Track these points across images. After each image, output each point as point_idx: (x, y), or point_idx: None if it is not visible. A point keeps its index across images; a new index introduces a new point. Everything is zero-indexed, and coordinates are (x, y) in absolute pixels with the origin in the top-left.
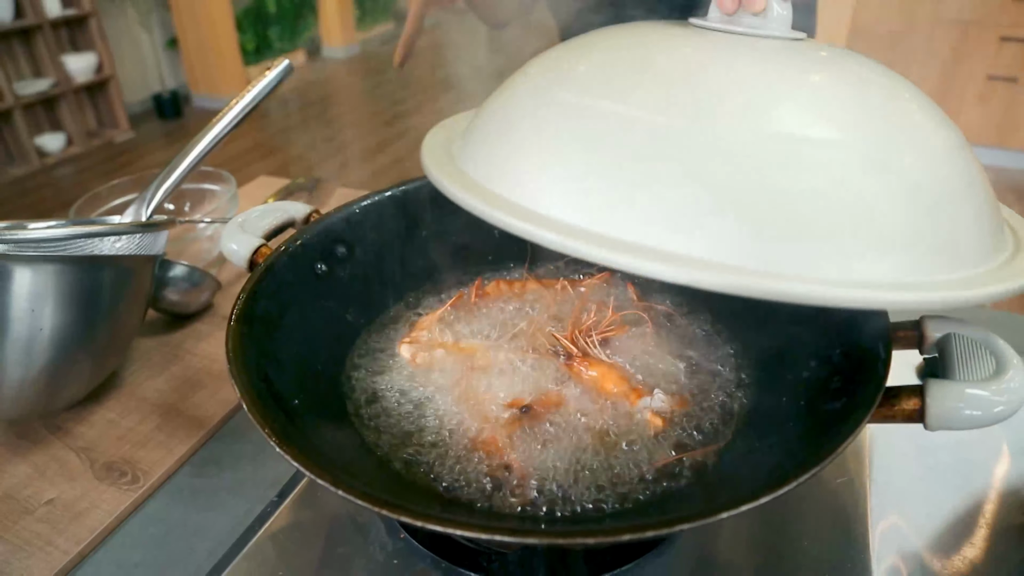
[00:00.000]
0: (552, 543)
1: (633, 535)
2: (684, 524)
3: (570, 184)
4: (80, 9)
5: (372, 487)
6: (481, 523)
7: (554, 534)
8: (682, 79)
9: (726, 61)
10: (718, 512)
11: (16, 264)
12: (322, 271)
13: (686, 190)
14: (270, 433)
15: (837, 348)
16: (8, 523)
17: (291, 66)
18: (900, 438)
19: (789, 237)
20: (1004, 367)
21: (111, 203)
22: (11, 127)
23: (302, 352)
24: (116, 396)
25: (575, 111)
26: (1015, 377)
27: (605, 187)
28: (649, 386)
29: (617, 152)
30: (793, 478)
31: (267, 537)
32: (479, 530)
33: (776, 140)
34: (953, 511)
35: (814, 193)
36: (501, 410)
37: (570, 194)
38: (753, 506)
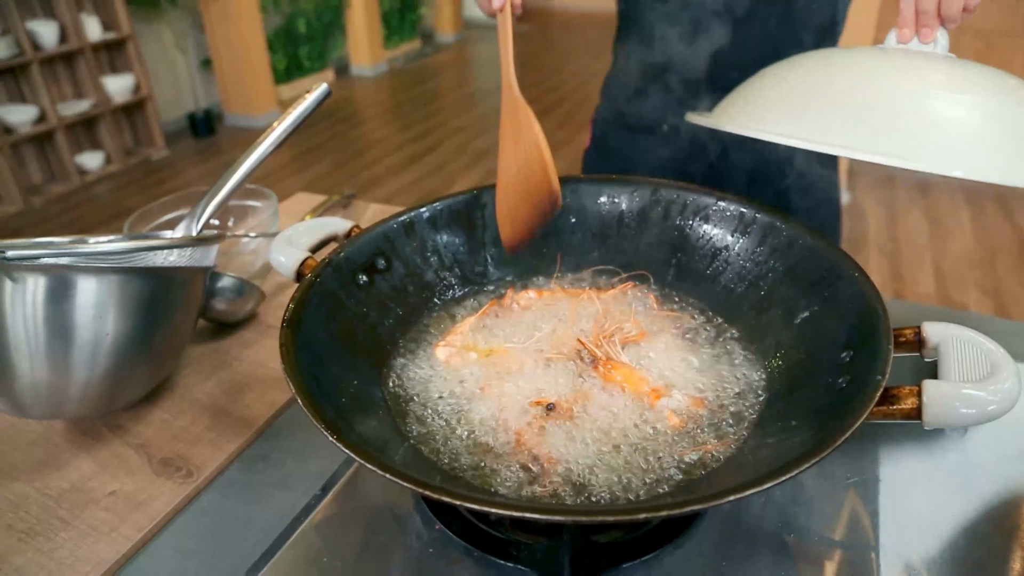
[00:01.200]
0: (576, 520)
1: (649, 514)
2: (692, 506)
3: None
4: (119, 33)
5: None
6: (516, 503)
7: (578, 511)
8: (884, 68)
9: (907, 63)
10: (724, 496)
11: (82, 275)
12: (363, 281)
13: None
14: (322, 425)
15: (846, 351)
16: (76, 511)
17: (329, 89)
18: (910, 440)
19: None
20: (997, 369)
21: (161, 219)
22: (53, 146)
23: (346, 355)
24: (170, 398)
25: (820, 84)
26: (1007, 378)
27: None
28: (668, 388)
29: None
30: (794, 467)
31: (312, 527)
32: (514, 509)
33: (938, 92)
34: (960, 512)
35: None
36: (528, 408)
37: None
38: (758, 490)
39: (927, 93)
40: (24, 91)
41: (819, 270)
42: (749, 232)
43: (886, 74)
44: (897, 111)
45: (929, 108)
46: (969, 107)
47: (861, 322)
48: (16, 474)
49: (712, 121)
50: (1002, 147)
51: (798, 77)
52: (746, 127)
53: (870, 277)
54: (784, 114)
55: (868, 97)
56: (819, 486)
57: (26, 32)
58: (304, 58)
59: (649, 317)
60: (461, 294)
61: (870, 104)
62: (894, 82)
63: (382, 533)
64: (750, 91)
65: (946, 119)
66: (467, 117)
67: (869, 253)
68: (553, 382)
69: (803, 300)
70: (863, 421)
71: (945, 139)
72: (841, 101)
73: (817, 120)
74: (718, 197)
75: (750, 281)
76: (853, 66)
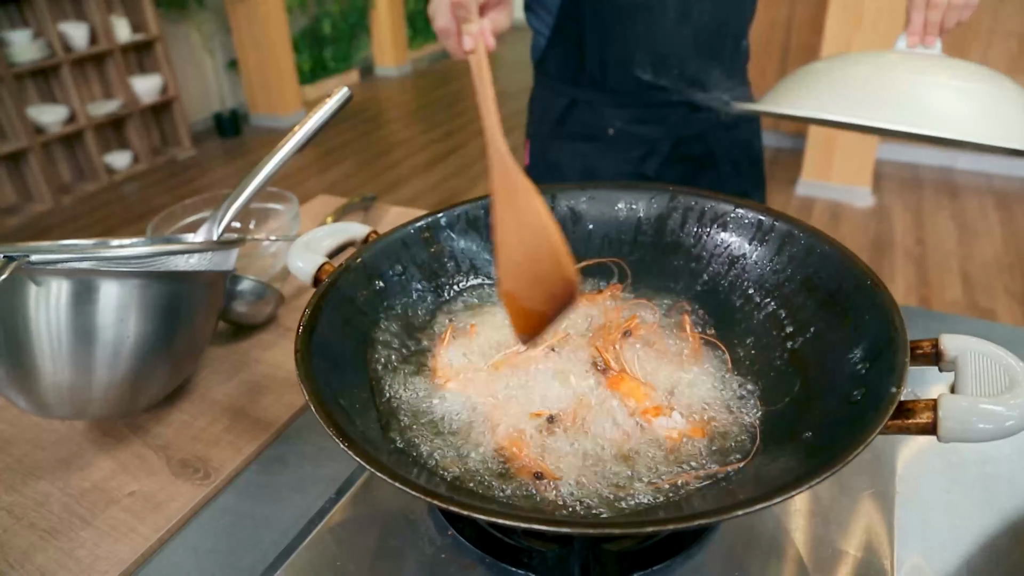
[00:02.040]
0: (583, 533)
1: (657, 527)
2: (700, 520)
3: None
4: (148, 34)
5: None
6: (522, 513)
7: (585, 524)
8: (900, 63)
9: (918, 61)
10: (733, 510)
11: (105, 279)
12: (380, 287)
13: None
14: (333, 431)
15: (862, 363)
16: (97, 511)
17: (350, 93)
18: (928, 452)
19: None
20: (1016, 383)
21: (184, 221)
22: (83, 146)
23: (361, 361)
24: (190, 399)
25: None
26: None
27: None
28: (670, 398)
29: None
30: (805, 481)
31: (327, 530)
32: (520, 520)
33: (942, 84)
34: (980, 527)
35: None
36: (529, 420)
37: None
38: (767, 505)
39: (937, 81)
40: (55, 92)
41: (836, 280)
42: (767, 240)
43: (908, 67)
44: (919, 93)
45: (939, 91)
46: (963, 90)
47: (878, 334)
48: (40, 473)
49: (769, 108)
50: (986, 116)
51: (846, 72)
52: (803, 109)
53: (887, 287)
54: (842, 100)
55: (899, 85)
56: (835, 497)
57: (57, 33)
58: (329, 59)
59: (663, 324)
60: (478, 300)
61: (901, 90)
62: (915, 74)
63: (395, 538)
64: (800, 82)
65: (950, 98)
66: None
67: (895, 257)
68: (555, 393)
69: (820, 311)
70: (877, 435)
71: (950, 112)
72: (881, 89)
73: (866, 104)
74: (736, 204)
75: (767, 289)
76: (884, 63)
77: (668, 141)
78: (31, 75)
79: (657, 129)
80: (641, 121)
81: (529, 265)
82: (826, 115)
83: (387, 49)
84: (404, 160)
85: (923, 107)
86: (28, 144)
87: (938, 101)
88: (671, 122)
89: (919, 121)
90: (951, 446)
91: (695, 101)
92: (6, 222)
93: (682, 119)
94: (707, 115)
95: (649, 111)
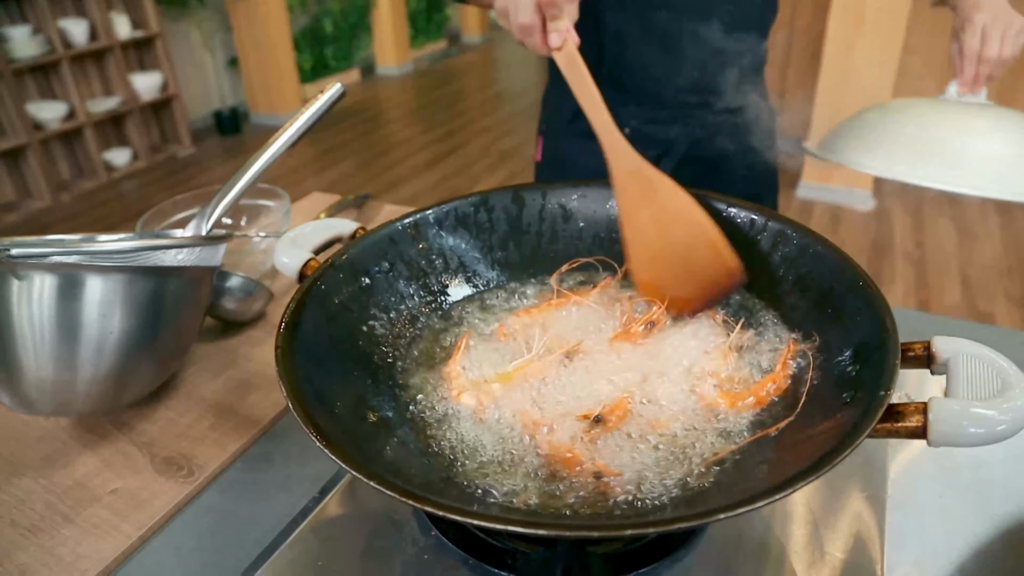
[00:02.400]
0: (558, 535)
1: (636, 530)
2: (680, 524)
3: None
4: (148, 31)
5: (408, 484)
6: (498, 516)
7: (560, 526)
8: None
9: (969, 115)
10: (713, 514)
11: (89, 273)
12: (366, 284)
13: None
14: (311, 429)
15: (852, 365)
16: (80, 508)
17: (343, 89)
18: (921, 456)
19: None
20: (1009, 386)
21: (174, 217)
22: (82, 143)
23: (346, 359)
24: (176, 396)
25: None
26: (1019, 396)
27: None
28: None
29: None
30: (790, 486)
31: (309, 529)
32: (495, 521)
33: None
34: (973, 533)
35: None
36: (576, 423)
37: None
38: (750, 509)
39: (990, 139)
40: (55, 88)
41: (829, 280)
42: (759, 239)
43: (961, 123)
44: (972, 152)
45: (992, 147)
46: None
47: (869, 335)
48: (23, 470)
49: (828, 155)
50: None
51: (899, 123)
52: (864, 166)
53: (880, 288)
54: (899, 157)
55: (954, 144)
56: (827, 500)
57: (57, 30)
58: (330, 58)
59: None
60: (465, 298)
61: (955, 149)
62: (968, 133)
63: (379, 538)
64: (858, 131)
65: (1004, 157)
66: (493, 118)
67: (895, 260)
68: (580, 390)
69: (812, 311)
70: (864, 439)
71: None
72: (937, 148)
73: (927, 165)
74: (728, 203)
75: (759, 289)
76: (941, 114)
77: (684, 143)
78: (30, 71)
79: (673, 130)
80: (657, 122)
81: (676, 257)
82: (888, 175)
83: (388, 48)
84: (404, 160)
85: (978, 168)
86: (27, 140)
87: (992, 161)
88: (687, 124)
89: (977, 183)
90: (944, 450)
91: (713, 105)
92: (5, 219)
93: (698, 121)
94: (723, 118)
95: (665, 112)
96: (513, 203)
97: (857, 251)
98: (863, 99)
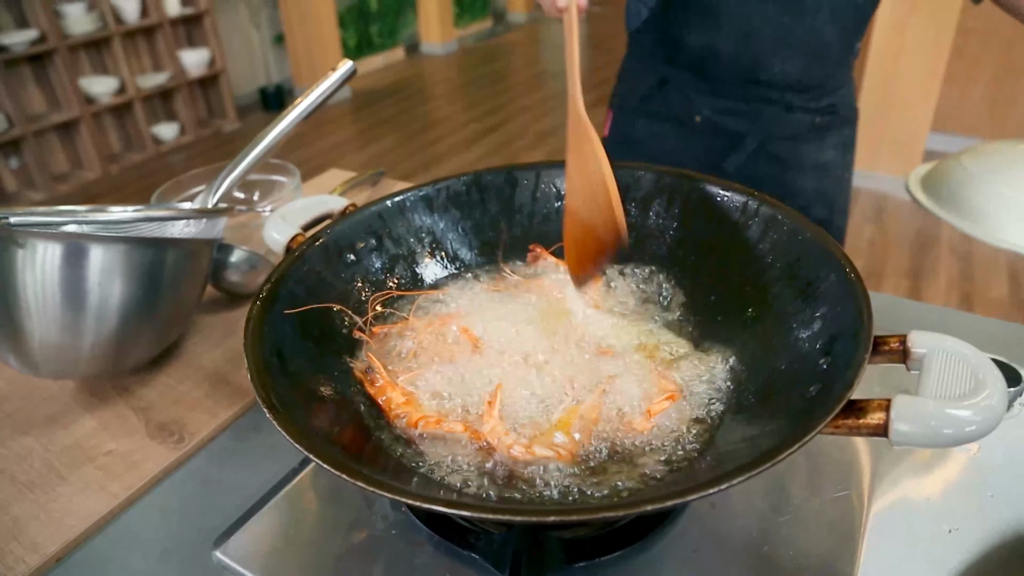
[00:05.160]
0: (502, 519)
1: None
2: (601, 513)
3: None
4: (197, 8)
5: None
6: (437, 498)
7: (502, 509)
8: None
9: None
10: (640, 505)
11: (88, 243)
12: (351, 261)
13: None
14: (266, 402)
15: (824, 358)
16: (74, 467)
17: (354, 67)
18: (911, 455)
19: None
20: (982, 386)
21: (191, 190)
22: (132, 117)
23: (324, 334)
24: (176, 364)
25: None
26: (992, 396)
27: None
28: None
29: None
30: (725, 480)
31: (285, 499)
32: (436, 503)
33: None
34: (964, 542)
35: None
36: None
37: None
38: (679, 502)
39: None
40: (107, 63)
41: (814, 269)
42: (751, 225)
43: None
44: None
45: None
46: None
47: (843, 327)
48: (28, 428)
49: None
50: None
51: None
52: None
53: (861, 277)
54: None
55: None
56: (805, 496)
57: (110, 6)
58: (375, 35)
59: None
60: (451, 277)
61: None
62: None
63: (351, 511)
64: (988, 190)
65: None
66: (534, 97)
67: (940, 252)
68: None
69: (795, 300)
70: (818, 433)
71: None
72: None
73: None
74: (723, 186)
75: (745, 277)
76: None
77: (756, 138)
78: (84, 47)
79: (746, 124)
80: (731, 113)
81: (587, 209)
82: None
83: (433, 26)
84: (444, 137)
85: None
86: (80, 114)
87: None
88: (763, 119)
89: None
90: (937, 453)
91: (792, 103)
92: (57, 188)
93: (774, 117)
94: (801, 116)
95: (742, 104)
96: (506, 183)
97: (900, 241)
98: (913, 81)
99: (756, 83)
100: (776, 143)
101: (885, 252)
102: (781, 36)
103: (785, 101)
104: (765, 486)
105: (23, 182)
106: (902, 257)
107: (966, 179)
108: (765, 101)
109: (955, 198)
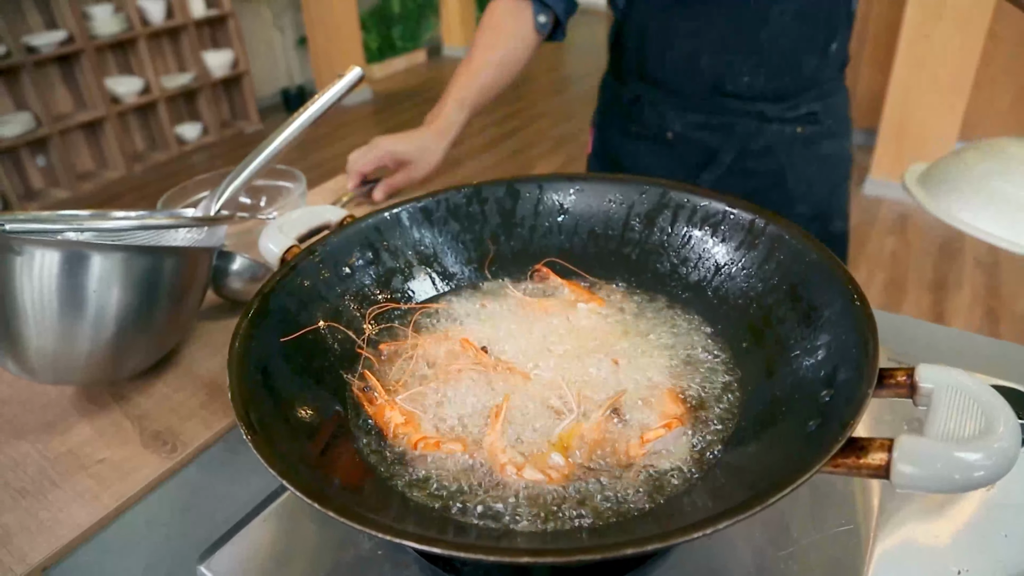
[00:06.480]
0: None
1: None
2: (587, 555)
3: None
4: (221, 10)
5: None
6: (425, 536)
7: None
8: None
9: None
10: (626, 547)
11: (89, 251)
12: (345, 274)
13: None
14: (244, 423)
15: (826, 390)
16: (68, 475)
17: (362, 73)
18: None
19: None
20: (993, 427)
21: (196, 196)
22: (156, 117)
23: (315, 351)
24: (174, 372)
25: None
26: (1003, 438)
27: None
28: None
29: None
30: (710, 524)
31: (273, 514)
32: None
33: None
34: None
35: None
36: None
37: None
38: (663, 545)
39: None
40: (132, 64)
41: (820, 294)
42: (757, 244)
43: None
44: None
45: None
46: None
47: (847, 358)
48: (24, 434)
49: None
50: None
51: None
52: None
53: (868, 303)
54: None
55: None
56: (806, 531)
57: (136, 8)
58: (397, 38)
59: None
60: (448, 289)
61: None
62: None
63: (338, 529)
64: (973, 180)
65: None
66: (553, 102)
67: (964, 264)
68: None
69: (799, 326)
70: (816, 473)
71: None
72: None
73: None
74: (729, 203)
75: (750, 299)
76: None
77: (730, 152)
78: (110, 47)
79: (719, 138)
80: (704, 127)
81: None
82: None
83: (455, 29)
84: (462, 141)
85: None
86: (105, 113)
87: None
88: (736, 132)
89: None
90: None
91: (767, 113)
92: (81, 187)
93: (750, 130)
94: (779, 127)
95: (713, 117)
96: (507, 196)
97: (923, 253)
98: (939, 89)
99: (724, 95)
100: (755, 158)
101: (907, 264)
102: (739, 46)
103: (758, 111)
104: (764, 518)
105: (49, 181)
106: (925, 269)
107: (966, 175)
108: (736, 113)
109: (954, 194)
